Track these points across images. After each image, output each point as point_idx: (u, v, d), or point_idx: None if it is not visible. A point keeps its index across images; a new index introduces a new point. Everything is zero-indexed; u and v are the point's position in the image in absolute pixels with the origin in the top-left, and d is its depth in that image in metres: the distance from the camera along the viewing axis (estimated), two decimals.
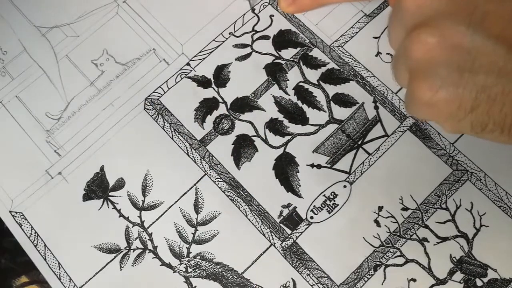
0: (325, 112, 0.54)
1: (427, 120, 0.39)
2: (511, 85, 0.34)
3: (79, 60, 0.58)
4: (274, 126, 0.54)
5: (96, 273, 0.51)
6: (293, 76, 0.56)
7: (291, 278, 0.50)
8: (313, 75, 0.56)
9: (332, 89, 0.55)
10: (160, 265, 0.51)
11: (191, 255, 0.51)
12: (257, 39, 0.57)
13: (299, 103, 0.55)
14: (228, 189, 0.53)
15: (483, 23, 0.34)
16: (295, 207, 0.52)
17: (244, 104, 0.55)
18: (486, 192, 0.51)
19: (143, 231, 0.52)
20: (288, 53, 0.57)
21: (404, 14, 0.38)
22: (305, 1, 0.57)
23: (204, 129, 0.55)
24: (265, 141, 0.54)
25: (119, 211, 0.53)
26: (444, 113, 0.37)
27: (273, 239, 0.51)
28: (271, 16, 0.58)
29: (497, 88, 0.34)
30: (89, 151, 0.55)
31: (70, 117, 0.56)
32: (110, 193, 0.53)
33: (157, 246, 0.52)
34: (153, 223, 0.52)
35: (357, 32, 0.57)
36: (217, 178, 0.53)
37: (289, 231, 0.51)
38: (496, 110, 0.35)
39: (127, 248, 0.52)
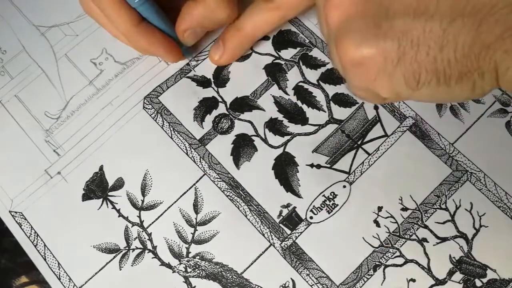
0: (325, 112, 0.54)
1: (365, 93, 0.39)
2: (430, 24, 0.33)
3: (78, 59, 0.58)
4: (273, 126, 0.54)
5: (96, 273, 0.51)
6: (293, 76, 0.56)
7: (291, 278, 0.50)
8: (313, 75, 0.56)
9: (332, 89, 0.55)
10: (160, 265, 0.51)
11: (190, 255, 0.51)
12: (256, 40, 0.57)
13: (299, 103, 0.55)
14: (227, 189, 0.53)
15: None
16: (295, 207, 0.52)
17: (243, 104, 0.55)
18: (486, 193, 0.51)
19: (142, 231, 0.52)
20: (287, 53, 0.57)
21: None
22: (232, 43, 0.56)
23: (203, 128, 0.55)
24: (265, 140, 0.54)
25: (118, 211, 0.53)
26: (371, 69, 0.36)
27: (272, 239, 0.51)
28: None
29: (417, 31, 0.34)
30: (88, 151, 0.55)
31: (69, 116, 0.56)
32: (109, 193, 0.53)
33: (156, 246, 0.52)
34: (152, 223, 0.52)
35: None
36: (217, 178, 0.53)
37: (288, 231, 0.51)
38: (423, 54, 0.34)
39: (127, 248, 0.52)
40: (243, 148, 0.54)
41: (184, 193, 0.53)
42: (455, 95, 0.36)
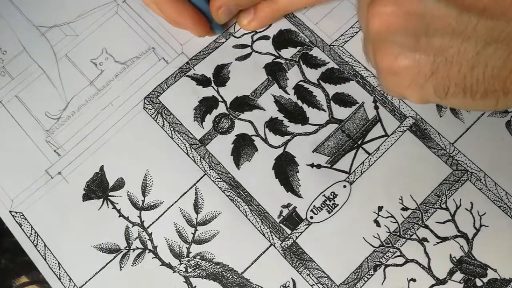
0: (325, 111, 0.54)
1: (395, 92, 0.41)
2: (465, 45, 0.35)
3: (79, 60, 0.58)
4: (274, 125, 0.54)
5: (96, 273, 0.51)
6: (293, 76, 0.56)
7: (291, 278, 0.50)
8: (313, 74, 0.56)
9: (332, 89, 0.55)
10: (160, 265, 0.51)
11: (191, 255, 0.51)
12: (257, 39, 0.57)
13: (299, 102, 0.55)
14: (228, 189, 0.53)
15: None
16: (295, 207, 0.52)
17: (243, 103, 0.55)
18: (486, 192, 0.51)
19: (143, 231, 0.52)
20: (288, 52, 0.56)
21: None
22: (264, 13, 0.56)
23: (203, 128, 0.55)
24: (265, 140, 0.54)
25: (119, 211, 0.53)
26: (405, 79, 0.38)
27: (273, 239, 0.51)
28: None
29: (452, 49, 0.36)
30: (89, 151, 0.55)
31: (70, 116, 0.56)
32: (110, 193, 0.53)
33: (157, 246, 0.52)
34: (153, 223, 0.52)
35: (357, 32, 0.57)
36: (217, 178, 0.53)
37: (289, 231, 0.51)
38: (455, 71, 0.36)
39: (127, 248, 0.52)
40: (243, 148, 0.54)
41: (185, 193, 0.53)
42: (478, 106, 0.38)
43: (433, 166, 0.52)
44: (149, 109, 0.55)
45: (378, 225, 0.51)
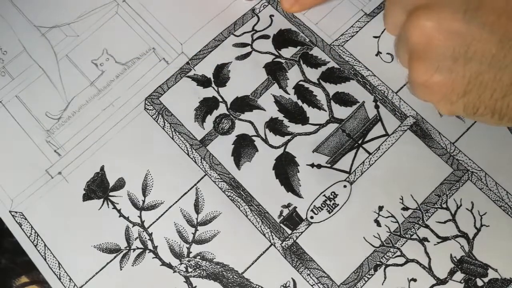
0: (326, 111, 0.54)
1: (424, 100, 0.42)
2: (502, 72, 0.36)
3: (79, 60, 0.58)
4: (274, 125, 0.54)
5: (96, 273, 0.51)
6: (293, 75, 0.56)
7: (291, 278, 0.50)
8: (314, 74, 0.56)
9: (332, 88, 0.55)
10: (160, 265, 0.51)
11: (191, 255, 0.51)
12: (257, 38, 0.57)
13: (299, 102, 0.55)
14: (228, 189, 0.53)
15: (479, 10, 0.35)
16: (295, 207, 0.52)
17: (244, 104, 0.55)
18: (487, 192, 0.51)
19: (143, 231, 0.52)
20: (288, 52, 0.56)
21: None
22: None
23: (204, 129, 0.55)
24: (265, 141, 0.54)
25: (119, 211, 0.53)
26: (438, 95, 0.39)
27: (273, 239, 0.51)
28: (271, 16, 0.58)
29: (488, 75, 0.36)
30: (89, 151, 0.55)
31: (70, 117, 0.56)
32: (110, 193, 0.53)
33: (157, 246, 0.52)
34: (153, 223, 0.52)
35: (357, 31, 0.57)
36: (218, 178, 0.53)
37: (289, 231, 0.51)
38: (487, 95, 0.37)
39: (127, 248, 0.52)
40: (243, 148, 0.54)
41: (185, 193, 0.53)
42: (504, 125, 0.40)
43: (434, 166, 0.52)
44: (150, 110, 0.55)
45: (379, 225, 0.51)
